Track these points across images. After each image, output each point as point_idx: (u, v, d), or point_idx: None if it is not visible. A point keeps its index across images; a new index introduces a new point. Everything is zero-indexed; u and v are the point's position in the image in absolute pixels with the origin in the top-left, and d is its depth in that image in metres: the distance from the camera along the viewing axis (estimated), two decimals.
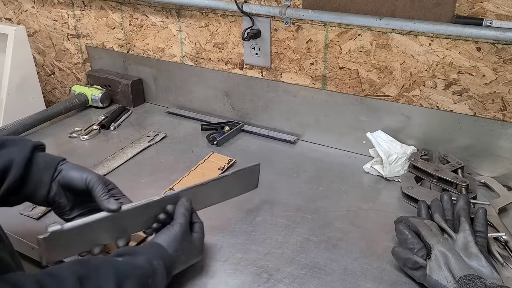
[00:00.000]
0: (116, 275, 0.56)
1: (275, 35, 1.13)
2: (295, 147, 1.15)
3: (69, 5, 1.48)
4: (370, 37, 1.01)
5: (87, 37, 1.50)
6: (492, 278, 0.65)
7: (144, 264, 0.61)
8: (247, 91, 1.21)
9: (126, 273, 0.57)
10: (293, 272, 0.75)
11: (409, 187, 0.92)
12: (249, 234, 0.84)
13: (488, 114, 0.96)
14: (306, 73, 1.13)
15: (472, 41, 0.91)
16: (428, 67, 0.97)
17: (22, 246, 0.83)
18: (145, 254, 0.63)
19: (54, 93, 1.74)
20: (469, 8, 0.89)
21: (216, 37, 1.23)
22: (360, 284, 0.72)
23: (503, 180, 0.95)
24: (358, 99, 1.06)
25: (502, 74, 0.91)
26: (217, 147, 1.15)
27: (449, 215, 0.78)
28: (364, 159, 1.07)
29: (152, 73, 1.38)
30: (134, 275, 0.58)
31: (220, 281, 0.73)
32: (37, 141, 0.75)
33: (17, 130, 1.19)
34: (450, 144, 0.99)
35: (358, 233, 0.84)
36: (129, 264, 0.60)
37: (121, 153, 1.12)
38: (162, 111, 1.36)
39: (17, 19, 1.64)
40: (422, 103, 1.01)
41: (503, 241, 0.78)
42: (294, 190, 0.97)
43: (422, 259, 0.69)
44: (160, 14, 1.30)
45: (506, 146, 0.94)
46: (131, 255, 0.62)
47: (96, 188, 0.70)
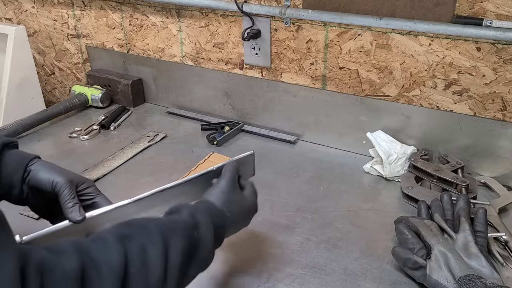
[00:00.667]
0: (160, 231, 0.52)
1: (275, 35, 1.13)
2: (295, 147, 1.15)
3: (69, 5, 1.48)
4: (370, 37, 1.01)
5: (87, 37, 1.50)
6: (492, 278, 0.65)
7: (186, 218, 0.57)
8: (247, 91, 1.21)
9: (170, 229, 0.53)
10: (293, 272, 0.75)
11: (409, 187, 0.92)
12: (249, 234, 0.84)
13: (488, 114, 0.96)
14: (306, 73, 1.13)
15: (472, 41, 0.91)
16: (428, 67, 0.98)
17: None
18: (188, 209, 0.59)
19: (54, 93, 1.74)
20: (469, 8, 0.89)
21: (216, 37, 1.23)
22: (360, 284, 0.72)
23: (503, 180, 0.95)
24: (358, 99, 1.06)
25: (502, 74, 0.91)
26: (217, 147, 1.15)
27: (449, 215, 0.78)
28: (364, 159, 1.07)
29: (152, 73, 1.38)
30: (178, 228, 0.54)
31: (220, 281, 0.73)
32: (8, 137, 0.70)
33: (17, 130, 1.19)
34: (450, 144, 0.99)
35: (358, 233, 0.84)
36: (172, 221, 0.56)
37: (121, 153, 1.12)
38: (162, 111, 1.36)
39: (17, 19, 1.64)
40: (422, 103, 1.01)
41: (503, 241, 0.78)
42: (294, 190, 0.97)
43: (422, 259, 0.69)
44: (160, 14, 1.30)
45: (506, 146, 0.94)
46: (175, 213, 0.59)
47: (62, 192, 0.65)
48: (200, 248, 0.55)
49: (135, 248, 0.48)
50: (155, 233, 0.51)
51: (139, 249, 0.48)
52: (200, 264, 0.56)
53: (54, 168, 0.68)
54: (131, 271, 0.46)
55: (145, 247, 0.49)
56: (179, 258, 0.51)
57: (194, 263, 0.55)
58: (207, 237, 0.57)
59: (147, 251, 0.48)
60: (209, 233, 0.57)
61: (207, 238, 0.57)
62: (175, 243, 0.52)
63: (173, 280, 0.50)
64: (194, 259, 0.54)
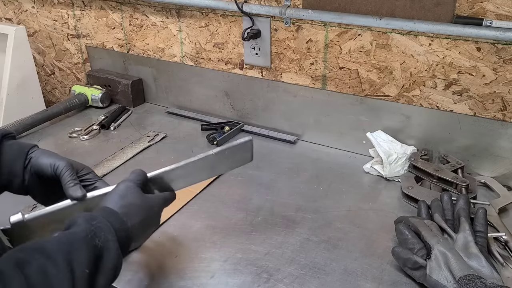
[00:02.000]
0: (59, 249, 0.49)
1: (275, 35, 1.13)
2: (295, 147, 1.15)
3: (69, 5, 1.48)
4: (370, 37, 1.01)
5: (87, 37, 1.50)
6: (492, 278, 0.65)
7: (84, 227, 0.54)
8: (247, 91, 1.21)
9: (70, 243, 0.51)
10: (293, 272, 0.75)
11: (409, 187, 0.92)
12: (249, 234, 0.84)
13: (488, 114, 0.96)
14: (306, 73, 1.13)
15: (472, 41, 0.91)
16: (428, 67, 0.97)
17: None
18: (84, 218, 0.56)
19: (54, 93, 1.74)
20: (469, 8, 0.89)
21: (216, 37, 1.23)
22: (360, 284, 0.72)
23: (503, 180, 0.95)
24: (358, 99, 1.06)
25: (502, 74, 0.91)
26: (217, 147, 1.14)
27: (449, 215, 0.78)
28: (364, 159, 1.07)
29: (152, 73, 1.38)
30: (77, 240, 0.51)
31: (220, 281, 0.73)
32: (5, 129, 0.71)
33: (17, 130, 1.19)
34: (450, 144, 0.99)
35: (358, 233, 0.84)
36: (71, 234, 0.53)
37: (121, 153, 1.12)
38: (162, 111, 1.36)
39: (17, 19, 1.64)
40: (422, 103, 1.01)
41: (503, 241, 0.78)
42: (294, 190, 0.97)
43: (422, 259, 0.69)
44: (160, 14, 1.30)
45: (506, 146, 0.94)
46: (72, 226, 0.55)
47: (64, 174, 0.66)
48: (104, 256, 0.53)
49: (36, 273, 0.45)
50: (54, 252, 0.48)
51: (39, 273, 0.45)
52: (108, 273, 0.53)
53: (54, 154, 0.70)
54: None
55: (45, 269, 0.46)
56: (85, 271, 0.49)
57: (102, 273, 0.52)
58: (110, 243, 0.54)
59: (48, 273, 0.46)
60: (111, 238, 0.55)
61: (110, 244, 0.54)
62: (78, 256, 0.49)
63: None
64: (100, 269, 0.52)
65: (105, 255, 0.53)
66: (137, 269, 0.75)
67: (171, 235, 0.83)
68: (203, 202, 0.93)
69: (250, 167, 1.05)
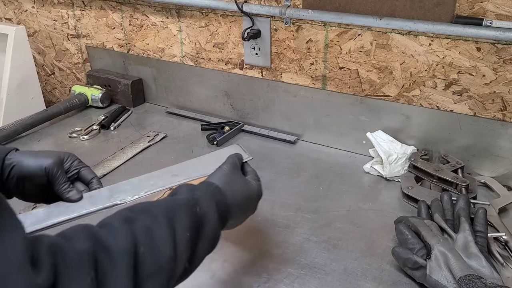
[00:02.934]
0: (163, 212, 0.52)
1: (275, 35, 1.13)
2: (295, 147, 1.15)
3: (69, 5, 1.48)
4: (370, 37, 1.01)
5: (87, 37, 1.50)
6: (492, 278, 0.65)
7: (186, 196, 0.57)
8: (247, 91, 1.21)
9: (172, 208, 0.53)
10: (293, 272, 0.75)
11: (409, 187, 0.92)
12: (249, 234, 0.84)
13: (488, 114, 0.96)
14: (306, 73, 1.13)
15: (472, 41, 0.91)
16: (428, 67, 0.97)
17: None
18: (187, 188, 0.59)
19: (54, 93, 1.74)
20: (469, 8, 0.89)
21: (216, 37, 1.23)
22: (360, 284, 0.72)
23: (503, 180, 0.95)
24: (358, 99, 1.06)
25: (502, 74, 0.91)
26: (217, 147, 1.15)
27: (449, 215, 0.78)
28: (364, 159, 1.07)
29: (152, 73, 1.38)
30: (179, 206, 0.54)
31: (220, 281, 0.73)
32: None
33: (17, 130, 1.19)
34: (450, 144, 0.99)
35: (358, 233, 0.84)
36: (173, 200, 0.56)
37: (121, 153, 1.12)
38: (162, 111, 1.36)
39: (17, 19, 1.64)
40: (422, 103, 1.01)
41: (503, 241, 0.78)
42: (294, 190, 0.97)
43: (422, 259, 0.69)
44: (160, 14, 1.30)
45: (506, 146, 0.94)
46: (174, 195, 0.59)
47: (55, 176, 0.65)
48: (205, 224, 0.55)
49: (141, 230, 0.48)
50: (158, 214, 0.51)
51: (145, 230, 0.48)
52: (207, 241, 0.55)
53: (37, 154, 0.67)
54: (140, 251, 0.46)
55: (151, 227, 0.49)
56: (186, 234, 0.51)
57: (202, 239, 0.54)
58: (210, 213, 0.56)
59: (153, 231, 0.48)
60: (211, 209, 0.57)
61: (210, 214, 0.56)
62: (180, 220, 0.52)
63: (183, 257, 0.50)
64: (201, 236, 0.54)
65: (205, 224, 0.55)
66: None
67: None
68: None
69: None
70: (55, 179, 0.66)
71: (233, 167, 0.66)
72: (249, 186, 0.66)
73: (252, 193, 0.66)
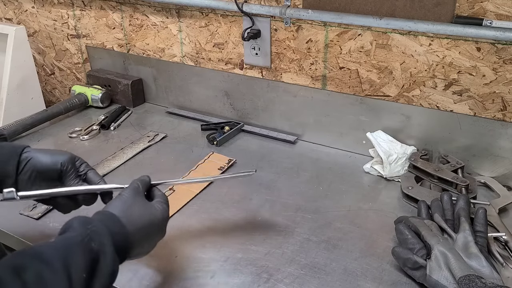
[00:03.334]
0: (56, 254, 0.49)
1: (275, 35, 1.13)
2: (295, 147, 1.15)
3: (69, 5, 1.48)
4: (370, 37, 1.01)
5: (87, 37, 1.50)
6: (492, 278, 0.65)
7: (80, 230, 0.53)
8: (247, 91, 1.21)
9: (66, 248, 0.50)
10: (293, 272, 0.75)
11: (409, 187, 0.92)
12: (249, 234, 0.84)
13: (488, 114, 0.96)
14: (306, 73, 1.13)
15: (472, 41, 0.91)
16: (428, 67, 0.98)
17: (22, 246, 0.83)
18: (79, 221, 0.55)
19: (54, 93, 1.74)
20: (469, 8, 0.89)
21: (216, 37, 1.23)
22: (360, 284, 0.72)
23: (503, 180, 0.95)
24: (358, 99, 1.06)
25: (502, 74, 0.91)
26: (217, 147, 1.15)
27: (449, 215, 0.78)
28: (364, 159, 1.07)
29: (152, 73, 1.38)
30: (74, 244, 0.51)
31: (220, 281, 0.73)
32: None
33: (17, 130, 1.19)
34: (450, 144, 0.99)
35: (358, 233, 0.84)
36: (66, 238, 0.53)
37: (121, 153, 1.12)
38: (162, 111, 1.36)
39: (17, 19, 1.64)
40: (422, 103, 1.01)
41: (503, 241, 0.78)
42: (294, 190, 0.97)
43: (422, 259, 0.69)
44: (160, 14, 1.30)
45: (506, 146, 0.94)
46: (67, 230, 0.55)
47: (69, 172, 0.71)
48: (101, 260, 0.52)
49: (32, 279, 0.45)
50: (51, 256, 0.48)
51: (36, 279, 0.45)
52: (105, 278, 0.52)
53: (52, 151, 0.72)
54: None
55: (43, 274, 0.46)
56: (82, 276, 0.48)
57: (98, 277, 0.51)
58: (106, 246, 0.54)
59: (45, 278, 0.46)
60: (107, 242, 0.54)
61: (106, 248, 0.54)
62: (75, 262, 0.49)
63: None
64: (97, 273, 0.51)
65: (101, 259, 0.52)
66: (137, 269, 0.75)
67: (171, 235, 0.83)
68: (203, 202, 0.93)
69: (250, 167, 1.05)
70: (68, 174, 0.70)
71: (133, 193, 0.63)
72: (152, 211, 0.63)
73: (156, 218, 0.63)
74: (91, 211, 0.61)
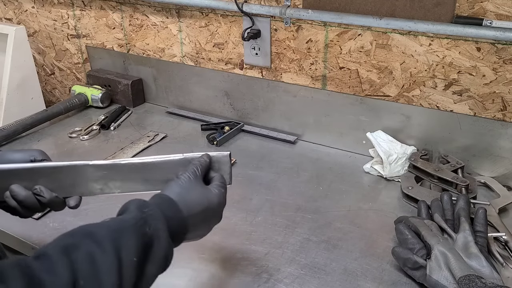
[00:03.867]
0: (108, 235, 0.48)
1: (275, 35, 1.13)
2: (295, 147, 1.15)
3: (69, 5, 1.48)
4: (370, 37, 1.01)
5: (87, 37, 1.50)
6: (492, 278, 0.65)
7: (135, 214, 0.53)
8: (247, 91, 1.21)
9: (119, 229, 0.50)
10: (293, 272, 0.75)
11: (409, 187, 0.92)
12: (249, 234, 0.84)
13: (488, 114, 0.96)
14: (306, 73, 1.13)
15: (472, 41, 0.91)
16: (428, 67, 0.97)
17: (22, 246, 0.83)
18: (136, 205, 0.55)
19: (54, 93, 1.74)
20: (469, 8, 0.89)
21: (216, 37, 1.23)
22: (360, 284, 0.72)
23: (503, 180, 0.95)
24: (358, 99, 1.06)
25: (502, 74, 0.91)
26: (217, 147, 1.15)
27: (449, 215, 0.78)
28: (364, 159, 1.07)
29: (152, 73, 1.38)
30: (127, 227, 0.51)
31: (220, 281, 0.73)
32: None
33: (17, 130, 1.19)
34: (450, 144, 0.99)
35: (358, 233, 0.84)
36: (121, 220, 0.52)
37: (121, 153, 1.12)
38: (162, 111, 1.36)
39: (17, 19, 1.64)
40: (422, 103, 1.01)
41: (503, 241, 0.78)
42: (294, 190, 0.97)
43: (422, 259, 0.69)
44: (160, 14, 1.30)
45: (506, 146, 0.94)
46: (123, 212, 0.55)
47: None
48: (155, 245, 0.52)
49: (82, 258, 0.45)
50: (103, 237, 0.48)
51: (86, 258, 0.45)
52: (158, 262, 0.52)
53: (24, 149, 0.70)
54: (80, 284, 0.43)
55: (93, 254, 0.46)
56: (133, 259, 0.48)
57: (150, 262, 0.51)
58: (160, 232, 0.53)
59: (96, 258, 0.46)
60: (162, 227, 0.54)
61: (160, 233, 0.53)
62: (127, 243, 0.49)
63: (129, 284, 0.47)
64: (149, 258, 0.51)
65: (155, 244, 0.52)
66: None
67: None
68: None
69: (250, 167, 1.05)
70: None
71: (192, 176, 0.62)
72: (209, 195, 0.62)
73: (212, 203, 0.62)
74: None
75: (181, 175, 0.62)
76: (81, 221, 0.56)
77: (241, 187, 0.98)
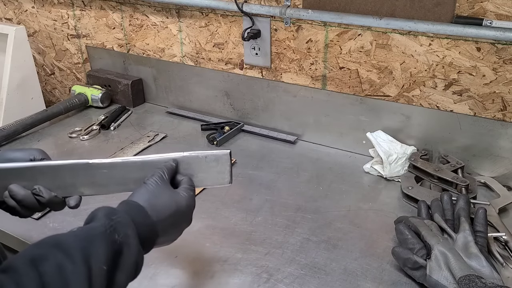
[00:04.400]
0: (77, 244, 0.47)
1: (275, 35, 1.13)
2: (295, 147, 1.15)
3: (69, 5, 1.48)
4: (370, 37, 1.01)
5: (87, 37, 1.50)
6: (492, 278, 0.65)
7: (104, 221, 0.52)
8: (247, 91, 1.21)
9: (88, 238, 0.49)
10: (293, 272, 0.75)
11: (409, 187, 0.92)
12: (249, 234, 0.84)
13: (488, 114, 0.96)
14: (306, 73, 1.13)
15: (472, 41, 0.91)
16: (428, 67, 0.98)
17: (22, 246, 0.83)
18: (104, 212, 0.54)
19: (54, 93, 1.74)
20: (469, 8, 0.89)
21: (216, 37, 1.23)
22: (360, 284, 0.72)
23: (503, 180, 0.95)
24: (358, 99, 1.06)
25: (502, 74, 0.91)
26: (217, 147, 1.14)
27: (449, 215, 0.78)
28: (364, 159, 1.07)
29: (152, 73, 1.38)
30: (96, 235, 0.50)
31: (220, 281, 0.73)
32: None
33: (17, 130, 1.19)
34: (450, 144, 0.99)
35: (358, 233, 0.84)
36: (89, 228, 0.51)
37: (121, 153, 1.12)
38: (162, 111, 1.36)
39: (17, 19, 1.64)
40: (422, 103, 1.01)
41: (503, 241, 0.78)
42: (294, 190, 0.97)
43: (422, 259, 0.69)
44: (160, 14, 1.30)
45: (506, 146, 0.94)
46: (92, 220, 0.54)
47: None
48: (124, 252, 0.51)
49: (51, 270, 0.44)
50: (71, 247, 0.47)
51: (55, 270, 0.44)
52: (128, 269, 0.51)
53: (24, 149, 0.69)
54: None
55: (62, 265, 0.45)
56: (103, 268, 0.47)
57: (121, 269, 0.50)
58: (130, 239, 0.53)
59: (64, 270, 0.45)
60: (131, 234, 0.53)
61: (130, 240, 0.52)
62: (96, 251, 0.48)
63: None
64: (120, 265, 0.50)
65: (125, 251, 0.51)
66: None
67: None
68: (203, 202, 0.93)
69: (250, 167, 1.05)
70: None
71: (159, 181, 0.61)
72: (177, 199, 0.61)
73: (181, 206, 0.61)
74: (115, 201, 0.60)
75: (147, 180, 0.61)
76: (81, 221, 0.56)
77: (241, 187, 0.98)
